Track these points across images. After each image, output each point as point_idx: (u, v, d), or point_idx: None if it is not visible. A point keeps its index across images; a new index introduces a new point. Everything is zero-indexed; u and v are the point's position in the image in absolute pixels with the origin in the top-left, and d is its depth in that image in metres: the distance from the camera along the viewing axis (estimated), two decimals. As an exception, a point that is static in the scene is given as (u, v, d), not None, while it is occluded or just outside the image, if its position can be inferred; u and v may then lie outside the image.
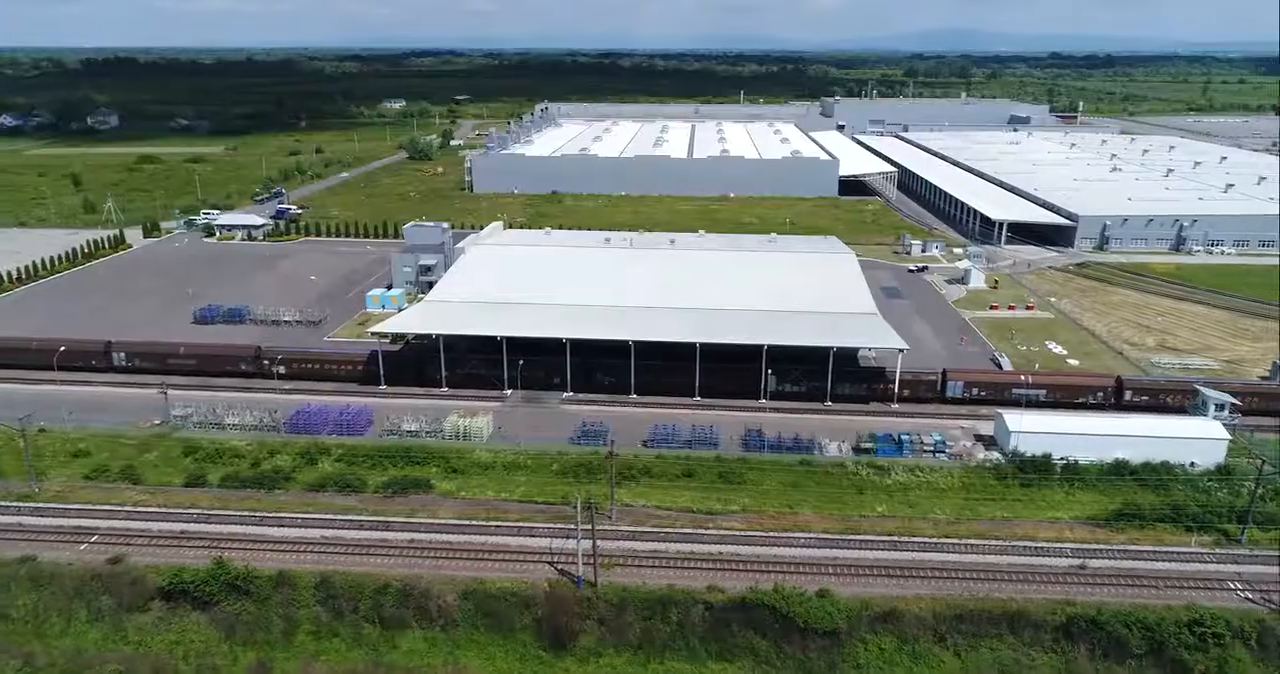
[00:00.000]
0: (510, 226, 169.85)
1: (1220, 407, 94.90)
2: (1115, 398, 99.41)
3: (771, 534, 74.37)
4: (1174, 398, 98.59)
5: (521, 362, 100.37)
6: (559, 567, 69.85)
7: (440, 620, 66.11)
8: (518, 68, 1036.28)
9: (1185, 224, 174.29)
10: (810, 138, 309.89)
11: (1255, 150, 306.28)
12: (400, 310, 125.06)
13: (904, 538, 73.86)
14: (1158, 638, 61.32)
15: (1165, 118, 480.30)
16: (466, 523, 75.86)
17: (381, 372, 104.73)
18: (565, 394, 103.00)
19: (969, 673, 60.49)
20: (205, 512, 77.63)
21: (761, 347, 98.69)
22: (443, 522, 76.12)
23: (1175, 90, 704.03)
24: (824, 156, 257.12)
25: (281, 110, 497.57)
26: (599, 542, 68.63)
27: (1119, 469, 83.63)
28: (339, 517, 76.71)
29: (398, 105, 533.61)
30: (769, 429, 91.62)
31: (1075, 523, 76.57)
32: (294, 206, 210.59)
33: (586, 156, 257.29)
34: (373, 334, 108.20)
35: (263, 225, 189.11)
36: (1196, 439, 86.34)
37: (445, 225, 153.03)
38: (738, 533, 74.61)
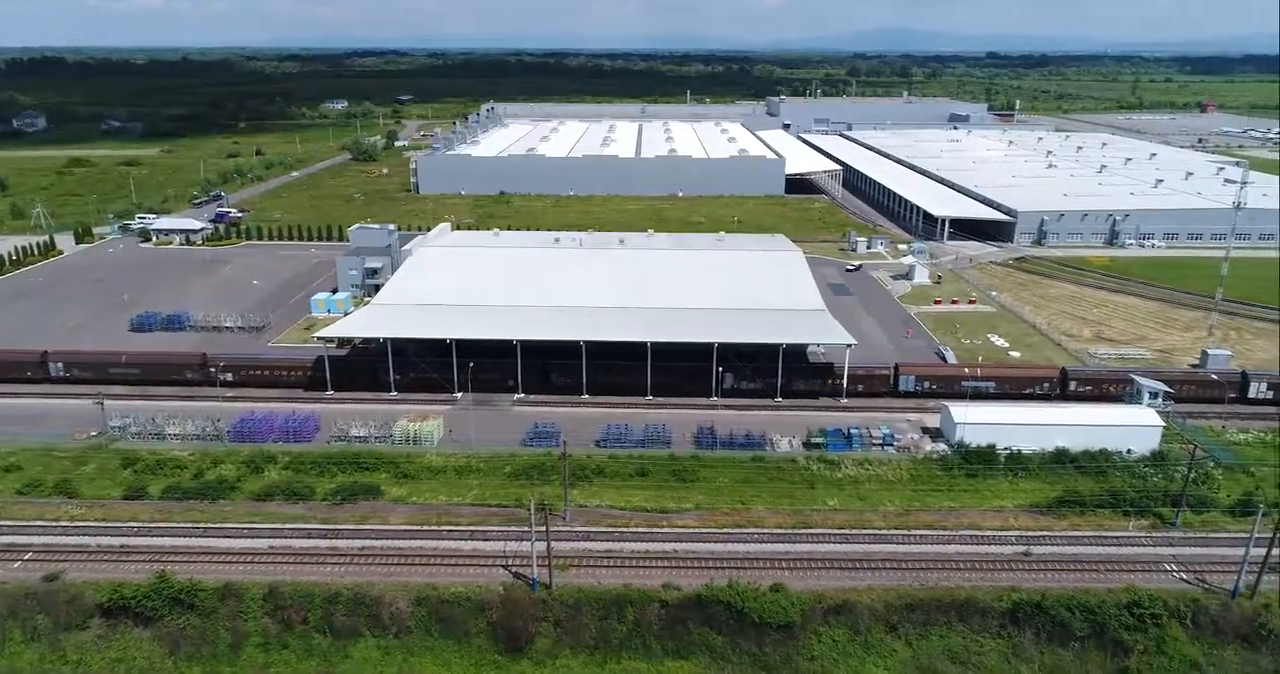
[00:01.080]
0: (458, 228, 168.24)
1: (1154, 395, 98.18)
2: (1060, 388, 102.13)
3: (725, 531, 74.87)
4: (1115, 387, 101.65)
5: (472, 364, 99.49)
6: (513, 569, 69.41)
7: (393, 627, 65.21)
8: (462, 67, 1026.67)
9: (1118, 219, 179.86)
10: (757, 137, 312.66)
11: (1182, 147, 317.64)
12: (346, 314, 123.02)
13: (855, 530, 74.95)
14: (1099, 620, 63.18)
15: (1097, 116, 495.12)
16: (418, 528, 74.91)
17: (328, 376, 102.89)
18: (516, 396, 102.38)
19: (920, 661, 61.59)
20: (146, 525, 75.39)
21: (712, 344, 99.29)
22: (394, 528, 75.09)
23: (1106, 89, 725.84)
24: (771, 155, 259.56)
25: (219, 111, 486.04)
26: (553, 543, 68.35)
27: (1060, 457, 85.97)
28: (287, 525, 75.15)
29: (340, 106, 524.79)
30: (721, 426, 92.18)
31: (1019, 511, 78.50)
32: (234, 210, 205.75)
33: (534, 157, 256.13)
34: (318, 339, 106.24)
35: (201, 229, 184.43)
36: (1132, 427, 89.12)
37: (391, 227, 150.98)
38: (692, 530, 74.96)
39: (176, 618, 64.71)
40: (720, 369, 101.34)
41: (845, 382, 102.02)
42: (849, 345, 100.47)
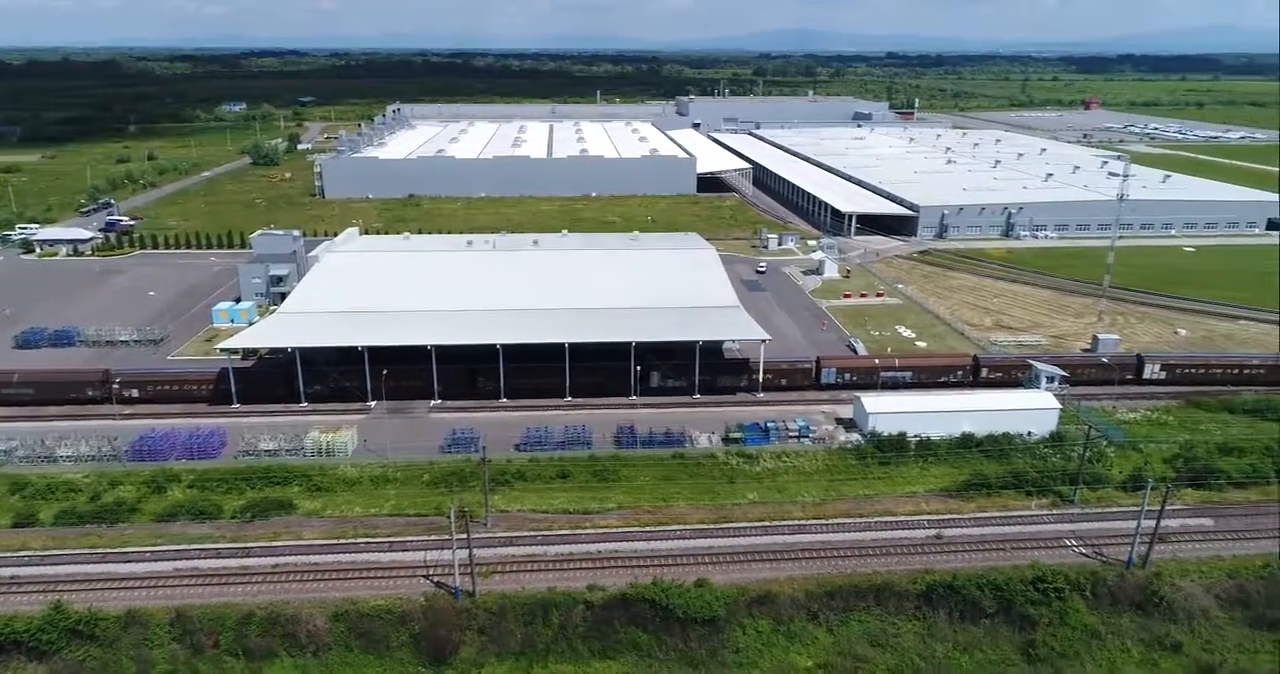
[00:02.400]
0: (366, 232, 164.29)
1: (1051, 379, 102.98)
2: (973, 375, 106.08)
3: (648, 529, 75.23)
4: (1022, 373, 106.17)
5: (385, 372, 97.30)
6: (435, 579, 68.21)
7: (311, 646, 63.26)
8: (365, 68, 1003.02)
9: (1013, 211, 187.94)
10: (667, 136, 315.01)
11: (1069, 142, 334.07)
12: (251, 324, 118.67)
13: (775, 522, 76.32)
14: (1007, 597, 65.88)
15: (991, 113, 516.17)
16: (334, 542, 72.87)
17: (234, 389, 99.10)
18: (433, 403, 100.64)
19: (841, 646, 63.11)
20: (38, 553, 71.15)
21: (630, 344, 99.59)
22: (308, 543, 72.82)
23: (999, 87, 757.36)
24: (682, 155, 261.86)
25: (107, 114, 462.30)
26: (475, 550, 67.43)
27: (966, 442, 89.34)
28: (193, 546, 72.05)
29: (238, 108, 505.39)
30: (641, 425, 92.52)
31: (930, 495, 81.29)
32: (125, 218, 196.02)
33: (443, 158, 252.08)
34: (221, 350, 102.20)
35: (90, 239, 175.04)
36: (1032, 410, 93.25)
37: (296, 233, 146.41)
38: (615, 530, 75.05)
39: (75, 650, 61.32)
40: (644, 368, 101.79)
41: (761, 376, 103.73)
42: (763, 340, 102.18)
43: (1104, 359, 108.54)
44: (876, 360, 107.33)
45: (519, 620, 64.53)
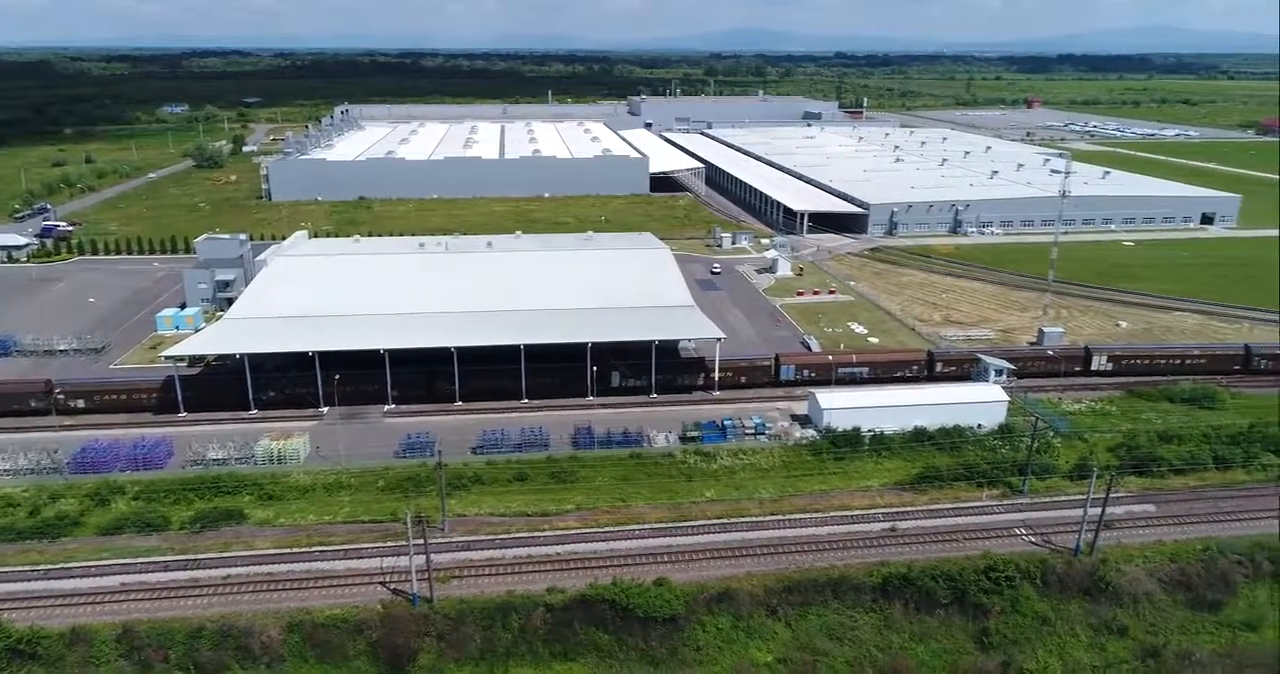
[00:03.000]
0: (316, 236, 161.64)
1: (999, 372, 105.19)
2: (928, 370, 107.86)
3: (607, 529, 75.21)
4: (974, 366, 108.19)
5: (338, 376, 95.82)
6: (392, 586, 67.36)
7: (265, 658, 62.05)
8: (312, 68, 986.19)
9: (960, 208, 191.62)
10: (620, 136, 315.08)
11: (1013, 140, 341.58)
12: (197, 331, 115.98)
13: (733, 519, 76.81)
14: (960, 586, 67.14)
15: (937, 112, 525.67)
16: (287, 551, 71.52)
17: (180, 398, 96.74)
18: (387, 407, 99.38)
19: (799, 640, 63.74)
20: (-24, 571, 68.78)
21: (586, 344, 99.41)
22: (260, 552, 71.39)
23: (944, 87, 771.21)
24: (634, 154, 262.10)
25: (41, 117, 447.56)
26: (433, 555, 66.76)
27: (919, 436, 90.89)
28: (140, 560, 70.20)
29: (180, 110, 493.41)
30: (598, 426, 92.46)
31: (885, 489, 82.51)
32: (63, 223, 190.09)
33: (394, 160, 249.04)
34: (166, 358, 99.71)
35: (26, 245, 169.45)
36: (981, 403, 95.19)
37: (243, 237, 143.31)
38: (574, 531, 74.87)
39: (17, 670, 59.31)
40: (603, 368, 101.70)
41: (719, 374, 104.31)
42: (719, 339, 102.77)
43: (1050, 351, 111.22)
44: (832, 357, 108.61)
45: (478, 625, 64.03)
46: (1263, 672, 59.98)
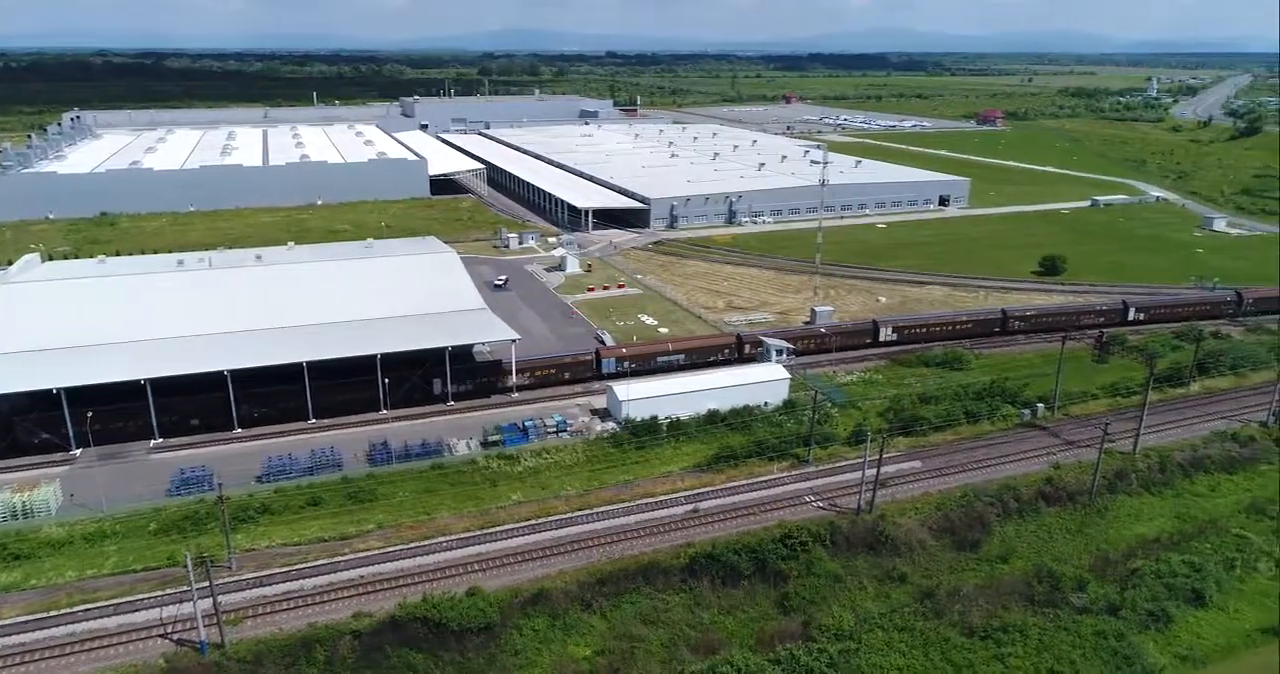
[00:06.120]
0: (51, 258, 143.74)
1: (780, 352, 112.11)
2: (738, 352, 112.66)
3: (413, 545, 72.78)
4: (761, 348, 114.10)
5: (90, 413, 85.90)
6: (176, 636, 61.55)
7: (26, 739, 54.76)
8: (31, 70, 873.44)
9: (734, 200, 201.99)
10: (395, 139, 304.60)
11: (776, 134, 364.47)
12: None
13: (541, 519, 76.77)
14: (760, 557, 70.98)
15: (706, 108, 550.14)
16: (43, 616, 63.33)
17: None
18: (154, 442, 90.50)
19: (616, 630, 64.80)
20: None
21: (375, 356, 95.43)
22: (8, 622, 62.76)
23: (710, 84, 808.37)
24: (412, 157, 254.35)
25: None
26: (220, 596, 61.66)
27: (713, 418, 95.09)
28: None
29: None
30: (395, 439, 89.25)
31: (685, 473, 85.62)
32: None
33: (141, 171, 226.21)
34: None
35: None
36: (766, 382, 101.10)
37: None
38: (377, 552, 71.83)
39: None
40: (423, 376, 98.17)
41: (514, 375, 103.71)
42: (514, 340, 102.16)
43: (846, 326, 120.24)
44: (647, 347, 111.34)
45: (278, 664, 59.87)
46: (1015, 596, 68.10)
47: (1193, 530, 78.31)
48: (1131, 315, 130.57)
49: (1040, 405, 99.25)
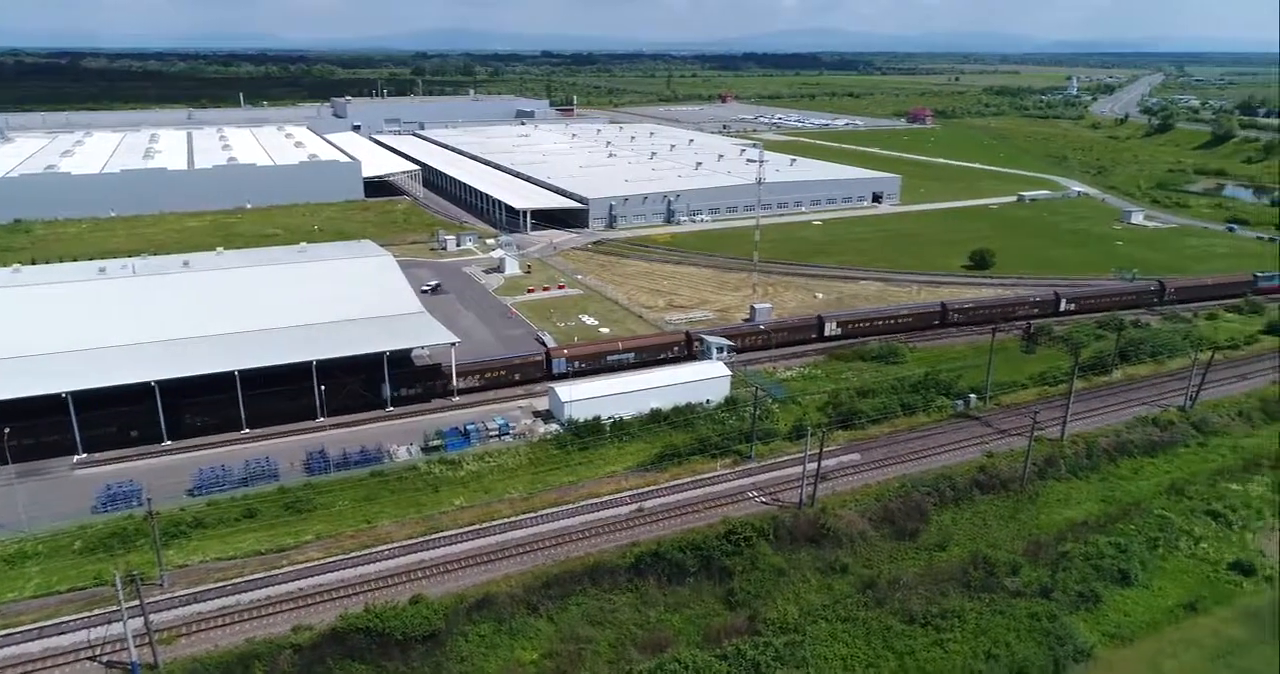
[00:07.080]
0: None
1: (720, 349, 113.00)
2: (687, 350, 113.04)
3: (353, 555, 71.45)
4: (725, 341, 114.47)
5: (7, 430, 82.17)
6: (106, 659, 59.37)
7: (-56, 773, 52.23)
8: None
9: (671, 199, 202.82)
10: (326, 140, 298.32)
11: (713, 133, 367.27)
12: None
13: (485, 524, 76.09)
14: (705, 554, 71.43)
15: (643, 108, 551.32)
16: (-39, 643, 60.56)
17: None
18: (78, 457, 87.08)
19: (563, 633, 64.51)
20: None
21: (310, 362, 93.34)
22: (-76, 651, 59.87)
23: (646, 84, 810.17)
24: (345, 158, 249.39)
25: None
26: (152, 615, 59.75)
27: (655, 417, 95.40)
28: None
29: None
30: (333, 447, 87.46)
31: (629, 472, 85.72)
32: None
33: (56, 175, 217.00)
34: None
35: None
36: (707, 380, 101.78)
37: None
38: (316, 563, 70.32)
39: None
40: (377, 380, 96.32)
41: (455, 378, 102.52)
42: (453, 343, 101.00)
43: (792, 322, 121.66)
44: (597, 346, 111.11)
45: (216, 682, 58.21)
46: (953, 583, 69.85)
47: (1118, 513, 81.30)
48: (1063, 306, 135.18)
49: (973, 396, 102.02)
